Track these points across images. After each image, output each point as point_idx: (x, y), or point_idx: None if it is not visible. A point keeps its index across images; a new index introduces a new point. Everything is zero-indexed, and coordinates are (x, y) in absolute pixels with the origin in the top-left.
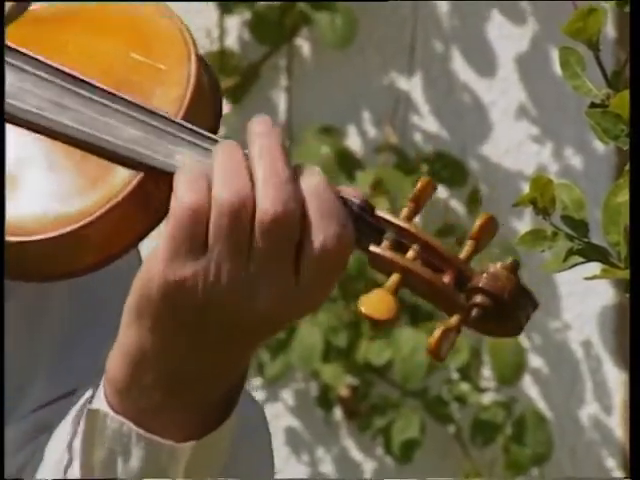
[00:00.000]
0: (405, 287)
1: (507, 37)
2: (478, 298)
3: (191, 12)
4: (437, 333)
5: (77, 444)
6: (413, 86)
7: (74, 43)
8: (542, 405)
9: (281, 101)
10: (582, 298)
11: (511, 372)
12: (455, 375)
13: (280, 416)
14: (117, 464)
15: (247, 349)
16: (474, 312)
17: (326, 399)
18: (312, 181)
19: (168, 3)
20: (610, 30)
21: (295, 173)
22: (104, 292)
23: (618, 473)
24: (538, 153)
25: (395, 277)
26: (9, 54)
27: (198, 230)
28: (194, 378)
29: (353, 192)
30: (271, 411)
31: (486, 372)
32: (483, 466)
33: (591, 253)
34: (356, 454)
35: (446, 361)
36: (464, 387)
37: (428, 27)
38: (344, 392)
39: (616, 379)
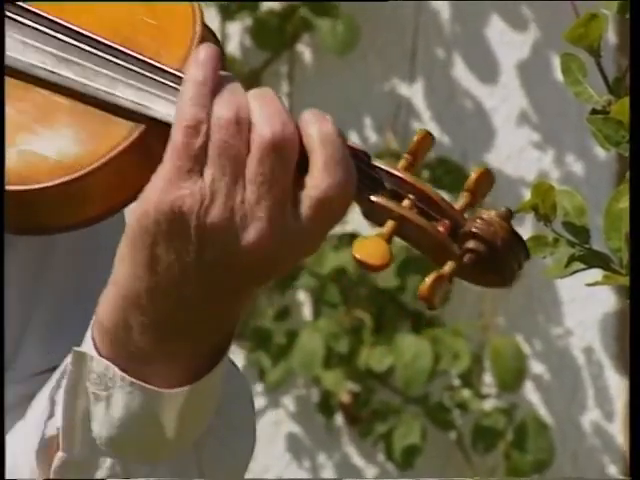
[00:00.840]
0: (399, 235)
1: (508, 43)
2: (471, 243)
3: None
4: (430, 279)
5: (60, 394)
6: (414, 92)
7: (83, 8)
8: (543, 411)
9: None
10: (583, 304)
11: (512, 378)
12: (456, 381)
13: (281, 422)
14: (97, 415)
15: (241, 294)
16: (467, 258)
17: (327, 405)
18: (325, 127)
19: None
20: (611, 36)
21: (301, 120)
22: (107, 242)
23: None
24: (539, 159)
25: (390, 224)
26: (11, 9)
27: (196, 148)
28: (186, 325)
29: (354, 143)
30: (272, 418)
31: (487, 378)
32: (484, 472)
33: (592, 259)
34: (357, 460)
35: (447, 367)
36: (465, 393)
37: (429, 33)
38: (345, 398)
39: (617, 385)
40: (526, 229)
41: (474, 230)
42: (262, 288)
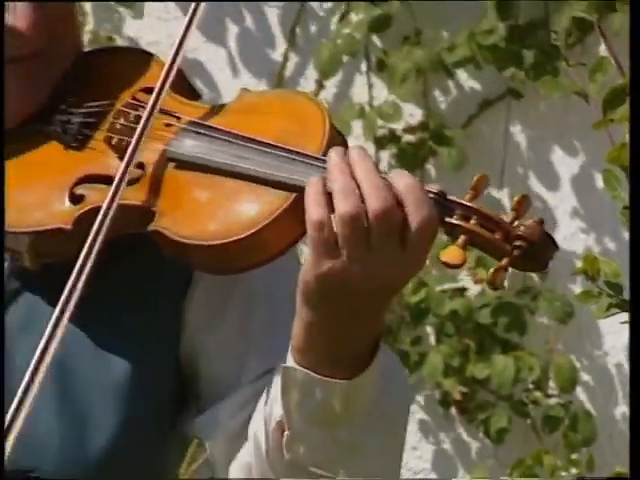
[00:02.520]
0: (470, 244)
1: (567, 164)
2: (518, 243)
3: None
4: (494, 271)
5: (277, 394)
6: (502, 195)
7: (249, 120)
8: (589, 406)
9: None
10: (616, 335)
11: (568, 384)
12: (531, 386)
13: (415, 412)
14: (305, 403)
15: (379, 312)
16: (516, 252)
17: (445, 401)
18: (406, 181)
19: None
20: None
21: (391, 178)
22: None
23: None
24: (585, 240)
25: (463, 237)
26: (204, 128)
27: (327, 236)
28: (347, 338)
29: (432, 186)
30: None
31: (552, 384)
32: (550, 446)
33: (624, 306)
34: (465, 437)
35: (525, 376)
36: (537, 394)
37: (513, 157)
38: (457, 396)
39: None
40: (578, 285)
41: (519, 233)
42: (392, 305)
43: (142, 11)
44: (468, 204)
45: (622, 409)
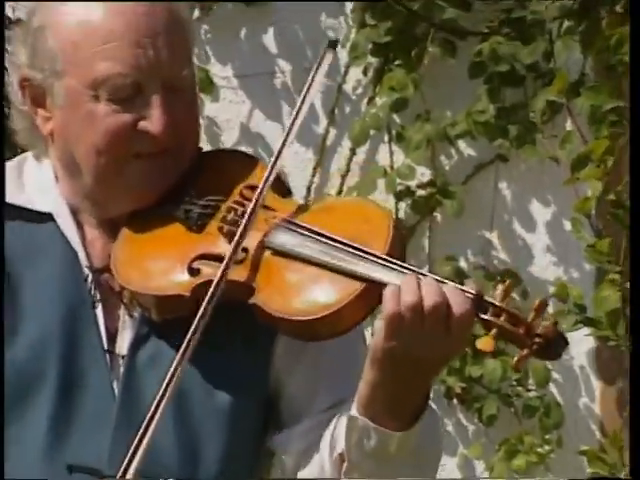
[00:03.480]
0: (499, 336)
1: (541, 214)
2: (537, 339)
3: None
4: (517, 359)
5: (341, 433)
6: (493, 237)
7: (329, 220)
8: (559, 398)
9: (424, 250)
10: (581, 344)
11: (543, 381)
12: (514, 382)
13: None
14: (363, 444)
15: (429, 379)
16: (535, 346)
17: (449, 394)
18: (452, 287)
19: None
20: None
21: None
22: (341, 345)
23: (598, 433)
24: (556, 271)
25: (494, 330)
26: (294, 226)
27: (398, 322)
28: (401, 397)
29: (472, 288)
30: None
31: (530, 381)
32: (528, 428)
33: (587, 322)
34: (464, 421)
35: (510, 376)
36: (519, 388)
37: (499, 211)
38: (458, 390)
39: (596, 384)
40: (551, 306)
41: (539, 332)
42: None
43: (218, 96)
44: (499, 304)
45: (584, 400)
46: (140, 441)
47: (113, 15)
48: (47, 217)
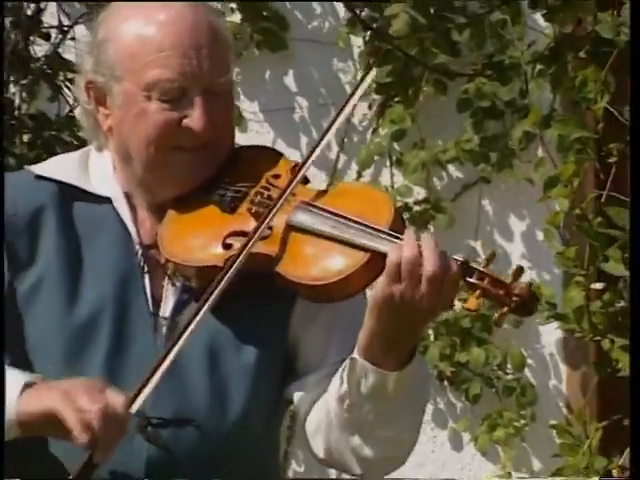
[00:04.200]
0: (483, 296)
1: (518, 225)
2: (515, 298)
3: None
4: (498, 316)
5: (344, 375)
6: (476, 245)
7: (341, 201)
8: (533, 380)
9: None
10: (550, 335)
11: (519, 366)
12: (495, 367)
13: None
14: (362, 383)
15: (420, 327)
16: (513, 304)
17: (440, 377)
18: (446, 257)
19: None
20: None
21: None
22: (352, 304)
23: (564, 410)
24: (530, 274)
25: (478, 292)
26: (311, 207)
27: (397, 271)
28: (395, 342)
29: (460, 256)
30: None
31: (509, 366)
32: (507, 406)
33: (557, 316)
34: (453, 400)
35: (492, 362)
36: (499, 372)
37: (484, 225)
38: (448, 374)
39: (563, 369)
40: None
41: (516, 292)
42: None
43: (246, 128)
44: (482, 269)
45: (553, 382)
46: (152, 375)
47: (164, 30)
48: (106, 200)
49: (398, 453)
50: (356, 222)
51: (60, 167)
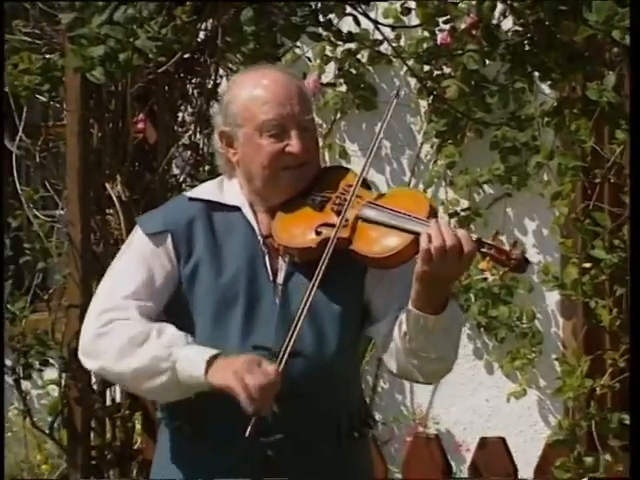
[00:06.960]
0: (492, 260)
1: (529, 225)
2: (512, 261)
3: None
4: (502, 274)
5: (404, 320)
6: (503, 238)
7: (394, 200)
8: (540, 328)
9: None
10: (551, 296)
11: (531, 318)
12: (516, 320)
13: None
14: (415, 324)
15: (449, 286)
16: (511, 265)
17: None
18: (463, 233)
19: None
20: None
21: (457, 232)
22: (401, 271)
23: (561, 348)
24: (539, 256)
25: (488, 257)
26: (374, 205)
27: (429, 255)
28: (435, 296)
29: (474, 234)
30: None
31: (524, 319)
32: (524, 345)
33: (559, 286)
34: (488, 342)
35: (514, 316)
36: (518, 322)
37: (506, 223)
38: (483, 323)
39: (563, 326)
40: (536, 277)
41: (513, 257)
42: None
43: (349, 160)
44: (491, 243)
45: (554, 329)
46: (293, 332)
47: (267, 90)
48: (236, 209)
49: (444, 366)
50: (404, 214)
51: (204, 191)
